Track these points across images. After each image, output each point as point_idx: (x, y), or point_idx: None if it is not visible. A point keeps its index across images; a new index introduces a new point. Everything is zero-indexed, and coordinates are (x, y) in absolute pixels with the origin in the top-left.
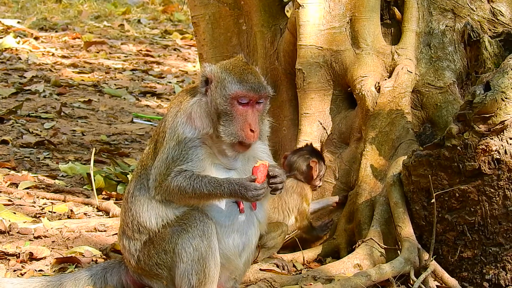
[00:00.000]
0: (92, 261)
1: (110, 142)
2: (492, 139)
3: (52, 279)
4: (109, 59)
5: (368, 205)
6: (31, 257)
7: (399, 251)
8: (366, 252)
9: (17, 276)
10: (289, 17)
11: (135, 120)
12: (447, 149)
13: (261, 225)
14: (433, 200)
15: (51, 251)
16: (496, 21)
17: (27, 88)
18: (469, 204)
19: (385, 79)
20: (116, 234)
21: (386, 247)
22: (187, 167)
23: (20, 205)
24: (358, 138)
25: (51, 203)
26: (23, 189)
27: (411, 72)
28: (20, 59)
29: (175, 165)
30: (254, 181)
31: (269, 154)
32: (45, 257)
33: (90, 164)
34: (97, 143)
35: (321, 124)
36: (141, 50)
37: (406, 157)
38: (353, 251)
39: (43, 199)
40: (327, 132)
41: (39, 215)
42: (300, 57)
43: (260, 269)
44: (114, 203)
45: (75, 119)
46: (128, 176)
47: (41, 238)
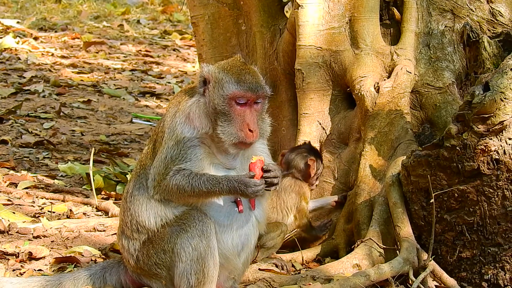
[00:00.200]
0: (91, 260)
1: (109, 142)
2: (491, 139)
3: (51, 278)
4: (108, 59)
5: (367, 205)
6: (30, 257)
7: (398, 251)
8: (365, 252)
9: (16, 275)
10: (288, 17)
11: (134, 120)
12: (446, 150)
13: (260, 225)
14: (432, 200)
15: (50, 250)
16: (495, 21)
17: (26, 88)
18: (468, 204)
19: (384, 80)
20: (115, 234)
21: (385, 247)
22: (185, 166)
23: (19, 204)
24: (357, 138)
25: (50, 203)
26: (23, 189)
27: (410, 73)
28: (19, 59)
29: (173, 165)
30: (253, 177)
31: (268, 154)
32: (44, 257)
33: (89, 164)
34: (96, 143)
35: (320, 124)
36: (140, 50)
37: (405, 157)
38: (352, 251)
39: (42, 199)
40: (326, 132)
41: (38, 215)
42: (299, 57)
43: (259, 269)
44: (113, 203)
45: (74, 119)
46: (127, 176)
47: (40, 238)
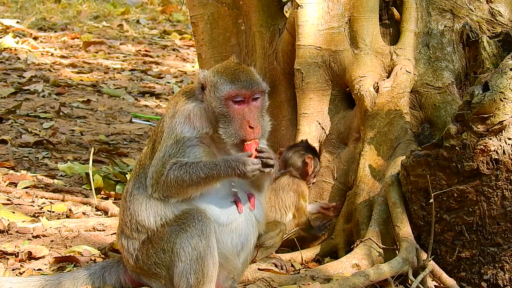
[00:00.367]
0: (91, 260)
1: (109, 142)
2: (491, 139)
3: (50, 278)
4: (108, 59)
5: (367, 205)
6: (30, 256)
7: (397, 251)
8: (364, 252)
9: (16, 275)
10: (287, 17)
11: (133, 120)
12: (445, 149)
13: (259, 224)
14: (432, 200)
15: (49, 250)
16: (495, 21)
17: (26, 88)
18: (467, 204)
19: (384, 79)
20: (115, 233)
21: (384, 247)
22: (182, 160)
23: (19, 204)
24: (356, 138)
25: (50, 202)
26: (22, 188)
27: (409, 73)
28: (19, 59)
29: (171, 160)
30: (250, 157)
31: None
32: (43, 256)
33: (89, 163)
34: (96, 143)
35: (319, 124)
36: (140, 50)
37: (405, 157)
38: (351, 251)
39: (42, 198)
40: (325, 132)
41: (38, 214)
42: (299, 57)
43: (259, 268)
44: (113, 202)
45: (74, 119)
46: (127, 175)
47: (40, 238)
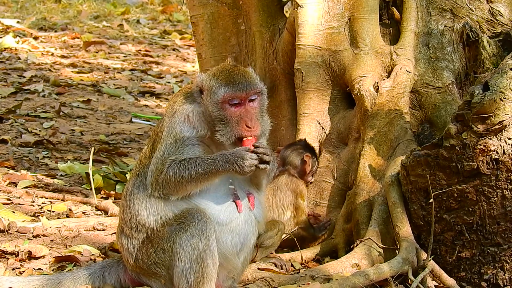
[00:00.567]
0: (91, 260)
1: (109, 141)
2: (491, 139)
3: (50, 277)
4: (108, 59)
5: (366, 205)
6: (30, 256)
7: (397, 251)
8: (364, 252)
9: (16, 274)
10: (287, 17)
11: (134, 120)
12: (445, 149)
13: (259, 224)
14: (431, 200)
15: (49, 250)
16: (495, 21)
17: (26, 87)
18: (467, 204)
19: (384, 79)
20: (115, 233)
21: (384, 246)
22: (181, 156)
23: (19, 204)
24: (356, 138)
25: (50, 202)
26: (22, 188)
27: (409, 72)
28: (19, 58)
29: (170, 158)
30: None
31: None
32: (43, 256)
33: (89, 163)
34: (96, 142)
35: (319, 124)
36: (140, 50)
37: (405, 157)
38: (351, 250)
39: (42, 198)
40: (325, 132)
41: (38, 214)
42: (299, 57)
43: (258, 268)
44: (113, 202)
45: (74, 119)
46: (127, 175)
47: (40, 237)
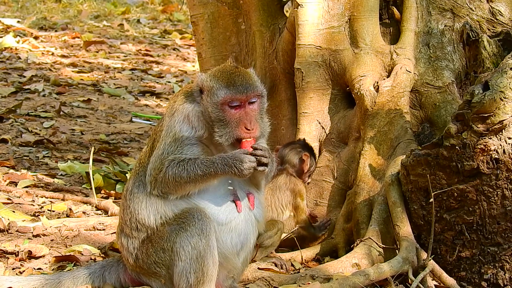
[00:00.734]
0: (91, 259)
1: (109, 141)
2: (491, 138)
3: (50, 277)
4: (108, 58)
5: (367, 204)
6: (30, 256)
7: (397, 251)
8: (365, 252)
9: (16, 274)
10: (288, 16)
11: (134, 120)
12: (445, 149)
13: (259, 224)
14: (432, 200)
15: (50, 249)
16: (495, 21)
17: (26, 87)
18: (467, 204)
19: (384, 79)
20: (115, 232)
21: (384, 246)
22: (180, 156)
23: (19, 203)
24: (356, 138)
25: (50, 201)
26: (22, 187)
27: (409, 72)
28: (19, 58)
29: (169, 157)
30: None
31: None
32: (43, 256)
33: (89, 163)
34: (96, 142)
35: (319, 123)
36: (140, 49)
37: (405, 156)
38: (351, 250)
39: (42, 197)
40: (325, 132)
41: (38, 213)
42: (299, 56)
43: (259, 268)
44: (113, 202)
45: (74, 118)
46: (127, 175)
47: (40, 237)
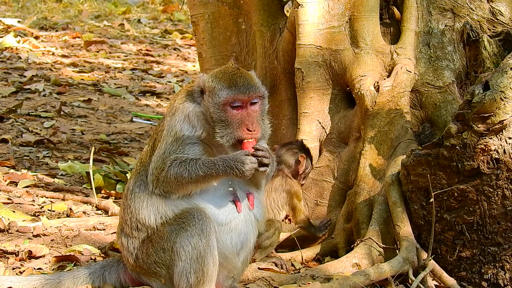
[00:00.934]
0: (91, 259)
1: (110, 141)
2: (491, 138)
3: (50, 277)
4: (109, 58)
5: (367, 204)
6: (30, 255)
7: (397, 251)
8: (365, 252)
9: (16, 274)
10: (288, 16)
11: (134, 119)
12: (446, 149)
13: (259, 223)
14: (432, 200)
15: (50, 249)
16: (496, 20)
17: (27, 87)
18: (468, 204)
19: (384, 79)
20: (115, 232)
21: (384, 246)
22: (182, 156)
23: (19, 203)
24: (357, 138)
25: (50, 201)
26: (23, 187)
27: (410, 72)
28: (20, 58)
29: (170, 157)
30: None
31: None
32: (44, 256)
33: (89, 163)
34: (97, 142)
35: (320, 123)
36: (141, 49)
37: (405, 156)
38: (351, 250)
39: (42, 197)
40: (326, 132)
41: (38, 213)
42: (299, 56)
43: (259, 268)
44: (113, 201)
45: (74, 118)
46: (127, 175)
47: (40, 237)
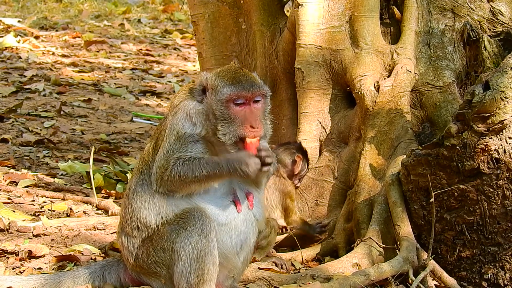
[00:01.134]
0: (91, 259)
1: (110, 141)
2: (491, 138)
3: (51, 277)
4: (109, 58)
5: (367, 204)
6: (30, 255)
7: (397, 251)
8: (365, 251)
9: (16, 274)
10: (288, 16)
11: (134, 119)
12: (446, 149)
13: (259, 223)
14: (432, 200)
15: (50, 249)
16: (496, 20)
17: (27, 87)
18: (468, 204)
19: (384, 79)
20: (115, 232)
21: (384, 246)
22: (186, 154)
23: (19, 203)
24: (357, 138)
25: (51, 201)
26: (23, 187)
27: (410, 72)
28: (20, 58)
29: (174, 155)
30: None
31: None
32: (44, 255)
33: (89, 162)
34: (97, 142)
35: (320, 123)
36: (141, 49)
37: (405, 156)
38: (351, 250)
39: (42, 197)
40: (326, 131)
41: (38, 213)
42: (299, 56)
43: (259, 267)
44: (113, 201)
45: (74, 118)
46: (127, 174)
47: (40, 236)
